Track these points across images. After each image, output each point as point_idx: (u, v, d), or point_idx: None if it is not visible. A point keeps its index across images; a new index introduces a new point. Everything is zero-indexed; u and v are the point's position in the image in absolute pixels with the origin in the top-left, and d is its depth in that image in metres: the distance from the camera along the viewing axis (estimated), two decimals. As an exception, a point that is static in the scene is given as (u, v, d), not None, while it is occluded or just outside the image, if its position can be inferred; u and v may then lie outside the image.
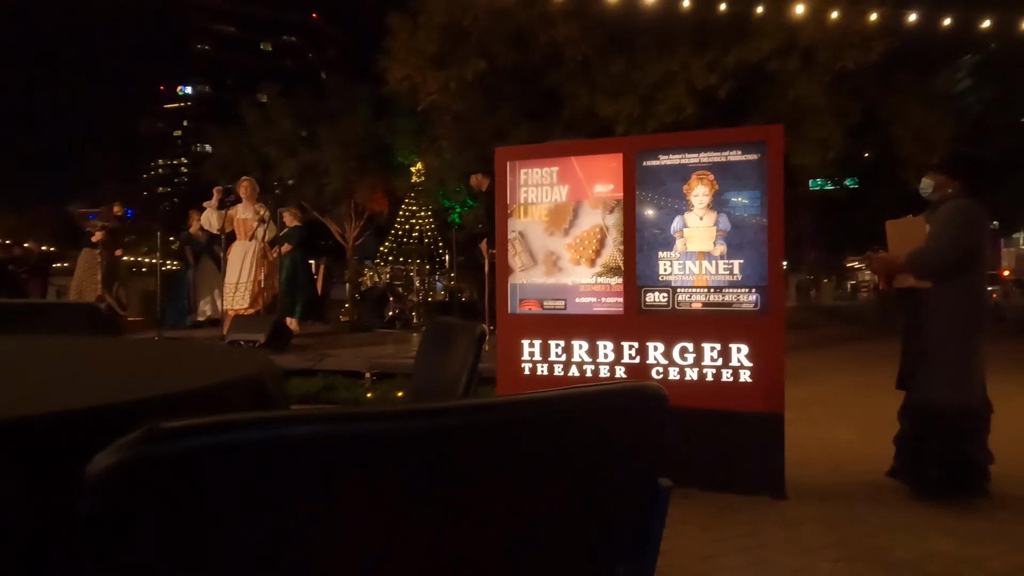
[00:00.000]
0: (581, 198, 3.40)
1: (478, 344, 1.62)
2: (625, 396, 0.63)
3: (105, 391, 1.13)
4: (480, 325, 1.65)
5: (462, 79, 12.29)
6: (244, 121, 14.96)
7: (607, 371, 3.31)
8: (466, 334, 1.68)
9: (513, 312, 3.52)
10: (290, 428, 0.48)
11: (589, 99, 12.27)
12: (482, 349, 1.63)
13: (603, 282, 3.36)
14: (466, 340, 1.66)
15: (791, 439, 3.93)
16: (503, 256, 3.52)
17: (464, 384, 1.61)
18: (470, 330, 1.67)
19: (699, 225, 3.18)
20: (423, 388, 1.92)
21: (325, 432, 0.50)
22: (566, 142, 3.54)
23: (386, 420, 0.55)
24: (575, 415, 0.62)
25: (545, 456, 0.61)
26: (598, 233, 3.37)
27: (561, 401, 0.62)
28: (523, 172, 3.51)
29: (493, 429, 0.59)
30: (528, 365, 3.45)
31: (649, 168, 3.26)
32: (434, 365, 1.86)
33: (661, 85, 11.95)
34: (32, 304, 2.59)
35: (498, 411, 0.60)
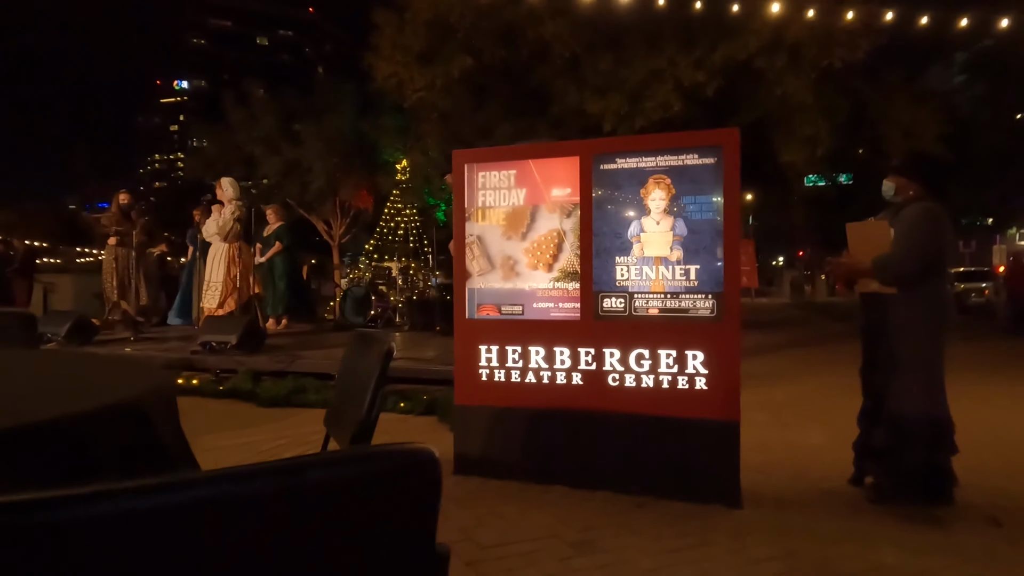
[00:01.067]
0: (539, 202, 3.36)
1: (385, 359, 1.58)
2: (395, 460, 0.58)
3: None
4: (389, 341, 1.61)
5: (448, 76, 12.22)
6: (229, 118, 14.86)
7: (563, 377, 3.27)
8: (376, 347, 1.63)
9: (471, 317, 3.47)
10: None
11: (577, 96, 12.20)
12: (388, 364, 1.59)
13: (560, 287, 3.31)
14: (376, 354, 1.61)
15: (759, 442, 3.90)
16: (460, 261, 3.48)
17: (369, 399, 1.57)
18: (380, 344, 1.63)
19: (656, 230, 3.13)
20: (341, 396, 1.88)
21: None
22: (524, 145, 3.49)
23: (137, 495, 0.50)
24: (340, 481, 0.57)
25: (309, 525, 0.57)
26: (555, 237, 3.32)
27: (322, 467, 0.57)
28: (481, 175, 3.46)
29: (242, 503, 0.54)
30: (485, 371, 3.41)
31: (606, 172, 3.21)
32: (349, 375, 1.82)
33: (649, 82, 11.89)
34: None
35: (248, 482, 0.55)
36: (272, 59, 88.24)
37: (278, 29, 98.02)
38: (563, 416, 3.26)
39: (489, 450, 3.41)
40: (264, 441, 4.04)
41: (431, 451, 0.58)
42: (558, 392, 3.27)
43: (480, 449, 3.42)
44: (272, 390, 5.13)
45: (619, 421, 3.16)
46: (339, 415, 1.80)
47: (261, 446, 3.93)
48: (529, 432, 3.34)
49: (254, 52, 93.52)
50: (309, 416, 4.70)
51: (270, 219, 8.81)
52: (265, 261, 8.46)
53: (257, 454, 3.78)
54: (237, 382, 5.34)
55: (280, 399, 5.07)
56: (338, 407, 1.84)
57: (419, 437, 4.14)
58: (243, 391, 5.24)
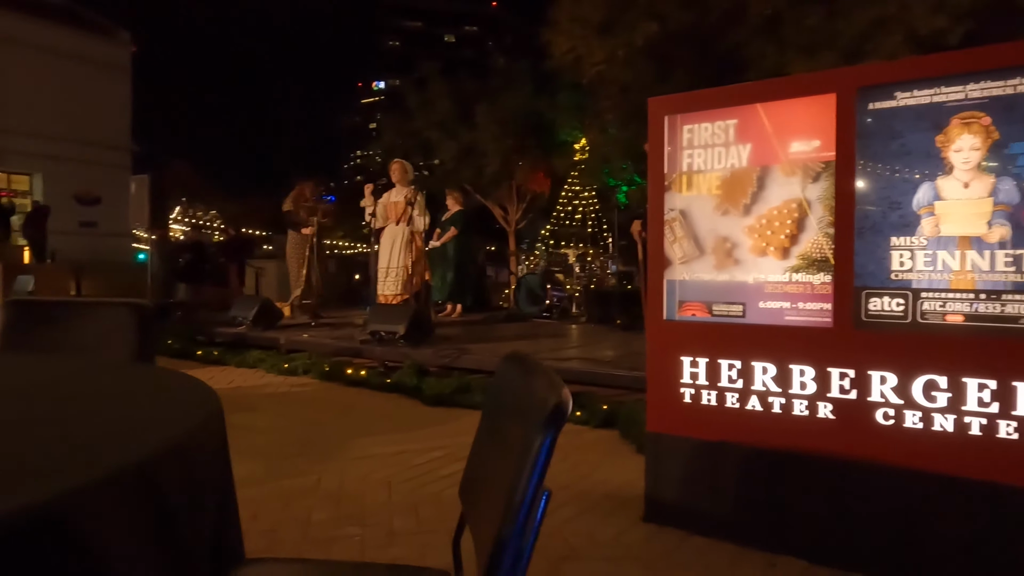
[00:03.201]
0: (770, 161, 2.42)
1: (548, 426, 0.83)
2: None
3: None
4: (560, 390, 0.85)
5: (630, 46, 11.26)
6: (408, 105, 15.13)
7: (803, 408, 2.32)
8: (539, 397, 0.89)
9: (670, 318, 2.63)
10: None
11: (777, 58, 10.64)
12: (556, 435, 0.84)
13: (801, 280, 2.36)
14: (536, 410, 0.87)
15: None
16: (657, 244, 2.64)
17: (519, 500, 0.83)
18: (545, 393, 0.88)
19: (963, 196, 2.07)
20: (480, 462, 1.16)
21: None
22: (750, 83, 2.56)
23: None
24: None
25: None
26: (794, 211, 2.37)
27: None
28: (686, 129, 2.59)
29: None
30: (690, 391, 2.55)
31: (878, 112, 2.19)
32: (492, 430, 1.11)
33: (871, 34, 10.01)
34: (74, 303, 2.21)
35: None
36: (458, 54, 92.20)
37: (464, 25, 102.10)
38: (802, 462, 2.32)
39: (693, 496, 2.56)
40: (420, 452, 3.53)
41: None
42: (795, 427, 2.33)
43: (680, 493, 2.59)
44: (436, 388, 4.68)
45: (892, 477, 2.16)
46: (477, 495, 1.09)
47: (415, 458, 3.43)
48: (751, 478, 2.44)
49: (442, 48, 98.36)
50: (472, 421, 4.12)
51: (449, 205, 8.58)
52: (439, 246, 8.23)
53: (409, 468, 3.27)
54: (402, 376, 4.97)
55: (444, 398, 4.60)
56: (475, 479, 1.12)
57: (598, 460, 3.39)
58: (407, 386, 4.85)
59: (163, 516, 0.79)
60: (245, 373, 5.77)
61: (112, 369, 1.50)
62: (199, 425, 0.96)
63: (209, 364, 6.21)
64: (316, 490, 2.97)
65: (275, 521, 2.60)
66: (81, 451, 0.82)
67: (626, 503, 2.78)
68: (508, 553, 0.82)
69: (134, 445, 0.82)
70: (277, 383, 5.39)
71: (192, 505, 0.91)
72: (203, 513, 0.97)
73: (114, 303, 2.09)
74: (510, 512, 0.83)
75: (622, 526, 2.59)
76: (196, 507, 0.93)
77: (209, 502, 1.01)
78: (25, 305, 2.19)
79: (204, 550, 0.93)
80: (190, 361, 6.32)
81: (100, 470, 0.71)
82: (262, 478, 3.04)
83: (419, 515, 2.70)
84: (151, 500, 0.76)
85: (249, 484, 2.80)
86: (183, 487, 0.86)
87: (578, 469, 3.21)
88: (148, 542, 0.74)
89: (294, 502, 2.81)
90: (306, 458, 3.42)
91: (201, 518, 0.96)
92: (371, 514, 2.71)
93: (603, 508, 2.77)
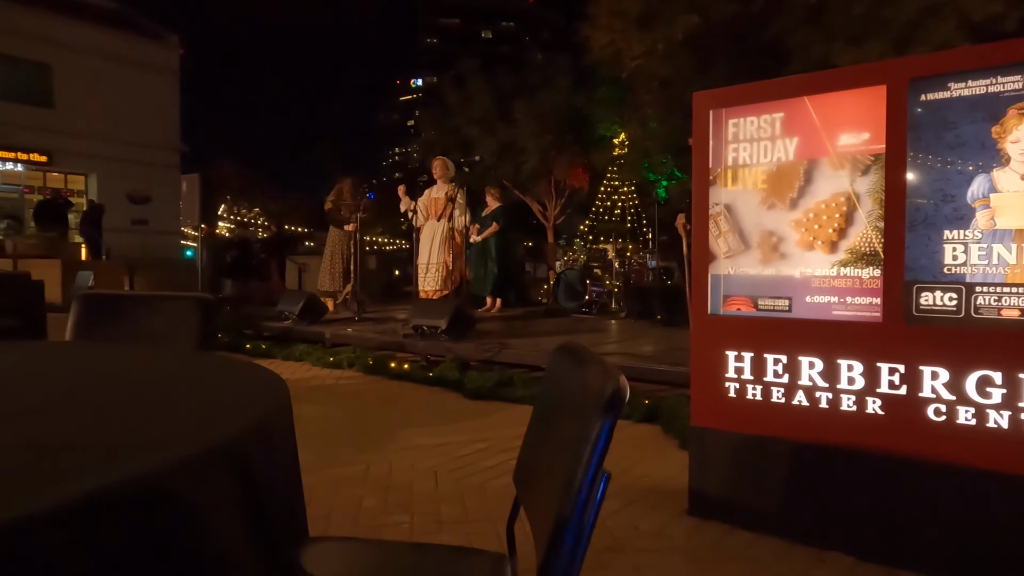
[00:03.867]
0: (818, 155, 2.40)
1: (608, 410, 0.87)
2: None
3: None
4: (616, 377, 0.89)
5: (670, 39, 11.14)
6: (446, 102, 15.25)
7: (851, 403, 2.30)
8: (594, 384, 0.93)
9: (714, 312, 2.63)
10: None
11: (822, 48, 10.39)
12: (615, 421, 0.88)
13: (850, 274, 2.34)
14: (593, 398, 0.91)
15: None
16: (702, 238, 2.65)
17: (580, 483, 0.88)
18: (600, 380, 0.92)
19: (1020, 188, 2.03)
20: (536, 446, 1.20)
21: None
22: (797, 76, 2.54)
23: None
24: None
25: None
26: (843, 204, 2.35)
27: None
28: (732, 123, 2.59)
29: None
30: (734, 385, 2.56)
31: (932, 103, 2.16)
32: (549, 419, 1.15)
33: (922, 22, 9.71)
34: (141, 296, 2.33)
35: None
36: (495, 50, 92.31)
37: (501, 21, 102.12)
38: (849, 457, 2.31)
39: (738, 490, 2.56)
40: (464, 443, 3.60)
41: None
42: (842, 423, 2.32)
43: (725, 486, 2.59)
44: (478, 381, 4.74)
45: (944, 474, 2.13)
46: (533, 480, 1.13)
47: (460, 449, 3.49)
48: (797, 473, 2.44)
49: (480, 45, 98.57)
50: (514, 414, 4.21)
51: (488, 201, 8.64)
52: (479, 241, 8.27)
53: (455, 459, 3.34)
54: (444, 370, 5.05)
55: (485, 392, 4.66)
56: (531, 465, 1.17)
57: (641, 454, 3.41)
58: (449, 380, 4.93)
59: (249, 490, 0.85)
60: (292, 366, 5.94)
61: (184, 357, 1.59)
62: (275, 408, 1.02)
63: (257, 357, 6.40)
64: (365, 478, 3.06)
65: (328, 507, 2.69)
66: (176, 429, 0.89)
67: (670, 496, 2.80)
68: (569, 533, 0.87)
69: (222, 424, 0.88)
70: (323, 376, 5.53)
71: (271, 482, 0.97)
72: (278, 490, 1.03)
73: (179, 296, 2.20)
74: (570, 494, 0.87)
75: (666, 519, 2.61)
76: (274, 484, 0.99)
77: (283, 480, 1.07)
78: (95, 299, 2.31)
79: (281, 524, 1.00)
80: (239, 354, 6.52)
81: (198, 445, 0.77)
82: (314, 466, 3.14)
83: (465, 504, 2.77)
84: (240, 475, 0.82)
85: (303, 471, 2.90)
86: (264, 465, 0.93)
87: (621, 463, 3.24)
88: (239, 513, 0.80)
89: (345, 489, 2.90)
90: (354, 447, 3.52)
91: (277, 495, 1.02)
92: (419, 502, 2.78)
93: (647, 501, 2.79)
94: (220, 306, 8.39)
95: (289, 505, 1.14)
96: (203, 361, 1.48)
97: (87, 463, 0.72)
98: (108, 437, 0.86)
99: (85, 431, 0.88)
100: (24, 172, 20.22)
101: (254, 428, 0.91)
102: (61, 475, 0.68)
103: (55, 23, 19.63)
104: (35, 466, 0.71)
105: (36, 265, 10.26)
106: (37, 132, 19.42)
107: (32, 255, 12.52)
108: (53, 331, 5.55)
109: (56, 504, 0.58)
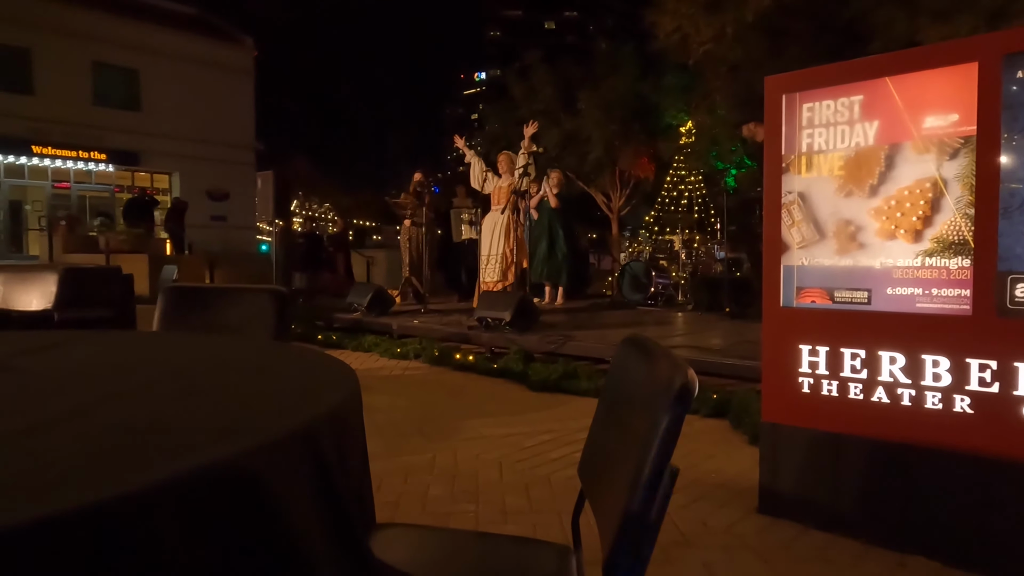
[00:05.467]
0: (900, 138, 2.27)
1: (677, 404, 0.86)
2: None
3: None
4: (685, 369, 0.87)
5: (740, 22, 10.78)
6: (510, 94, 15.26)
7: (937, 401, 2.18)
8: (663, 375, 0.92)
9: (787, 305, 2.54)
10: None
11: (907, 25, 9.82)
12: (683, 414, 0.87)
13: (936, 265, 2.21)
14: (662, 390, 0.89)
15: None
16: (773, 227, 2.56)
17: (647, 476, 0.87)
18: (669, 372, 0.90)
19: None
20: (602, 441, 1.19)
21: None
22: (878, 56, 2.41)
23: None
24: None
25: None
26: (928, 191, 2.22)
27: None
28: (806, 108, 2.48)
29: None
30: (808, 380, 2.46)
31: (1029, 81, 2.01)
32: (616, 411, 1.14)
33: (1017, -8, 9.04)
34: (222, 289, 2.44)
35: None
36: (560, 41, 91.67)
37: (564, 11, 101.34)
38: (934, 457, 2.19)
39: (812, 488, 2.47)
40: (529, 435, 3.62)
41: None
42: (927, 421, 2.20)
43: (798, 485, 2.51)
44: (542, 373, 4.75)
45: (1041, 478, 1.99)
46: (599, 473, 1.13)
47: (525, 440, 3.51)
48: (876, 473, 2.33)
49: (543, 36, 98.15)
50: (579, 407, 4.19)
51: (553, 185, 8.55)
52: (545, 229, 8.06)
53: (520, 450, 3.36)
54: (508, 362, 5.09)
55: (550, 384, 4.66)
56: (597, 458, 1.16)
57: (710, 449, 3.34)
58: (514, 372, 4.96)
59: (324, 475, 0.88)
60: (361, 356, 6.11)
61: (261, 347, 1.65)
62: (347, 397, 1.05)
63: (328, 347, 6.61)
64: (432, 467, 3.12)
65: (396, 494, 2.76)
66: (257, 414, 0.93)
67: (739, 493, 2.73)
68: (635, 528, 0.86)
69: (300, 411, 0.92)
70: (391, 366, 5.66)
71: (343, 468, 1.00)
72: (351, 477, 1.07)
73: (256, 289, 2.30)
74: (637, 488, 0.86)
75: (735, 516, 2.55)
76: (346, 471, 1.03)
77: (354, 467, 1.11)
78: (180, 291, 2.44)
79: (352, 510, 1.03)
80: (312, 344, 6.76)
81: (278, 430, 0.80)
82: (382, 453, 3.23)
83: (530, 495, 2.78)
84: (316, 460, 0.85)
85: (372, 458, 2.98)
86: (337, 451, 0.96)
87: (689, 458, 3.18)
88: (315, 497, 0.83)
89: (412, 477, 2.97)
90: (421, 437, 3.60)
91: (349, 481, 1.05)
92: (484, 492, 2.81)
93: (716, 497, 2.73)
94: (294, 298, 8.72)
95: (359, 491, 1.17)
96: (279, 351, 1.53)
97: (178, 445, 0.76)
98: (195, 421, 0.91)
99: (173, 415, 0.93)
100: (115, 172, 21.54)
101: (329, 415, 0.94)
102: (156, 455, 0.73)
103: (143, 30, 20.79)
104: (132, 446, 0.76)
105: (125, 260, 10.93)
106: (127, 134, 20.65)
107: (122, 250, 13.34)
108: (142, 321, 5.90)
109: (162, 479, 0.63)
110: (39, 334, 1.82)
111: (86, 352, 1.48)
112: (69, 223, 15.93)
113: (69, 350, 1.47)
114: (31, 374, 1.22)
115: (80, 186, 21.28)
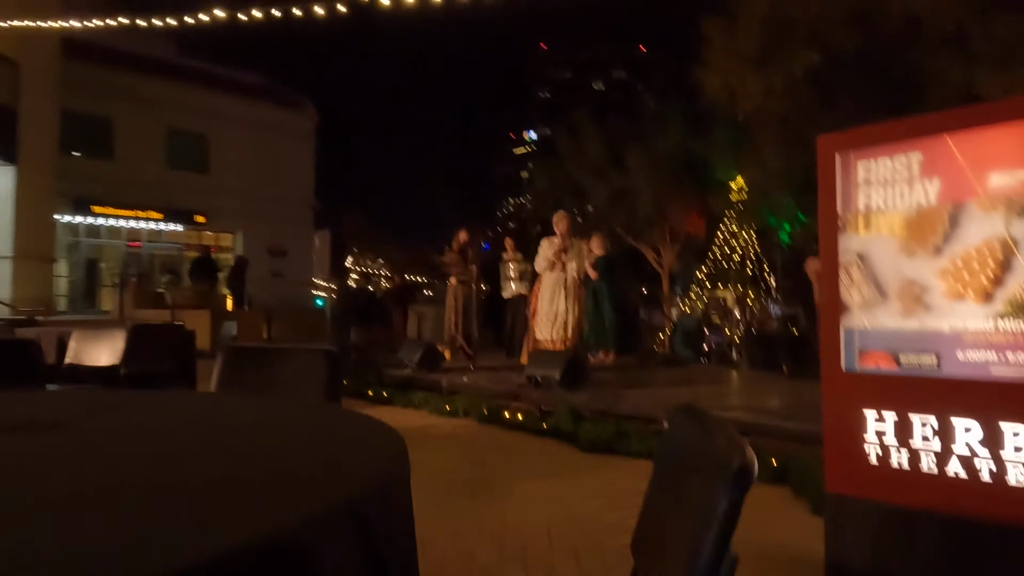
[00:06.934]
0: (964, 197, 2.20)
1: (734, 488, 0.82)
2: None
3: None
4: (741, 460, 0.84)
5: (789, 77, 10.77)
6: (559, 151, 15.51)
7: (1020, 473, 2.02)
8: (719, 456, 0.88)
9: (850, 369, 2.43)
10: None
11: (964, 75, 9.63)
12: (741, 500, 0.83)
13: (1010, 328, 2.09)
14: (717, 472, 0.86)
15: None
16: (831, 288, 2.48)
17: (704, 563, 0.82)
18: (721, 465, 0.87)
19: None
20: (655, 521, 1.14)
21: None
22: (935, 114, 2.36)
23: None
24: None
25: None
26: (997, 250, 2.12)
27: None
28: (862, 165, 2.43)
29: None
30: (875, 449, 2.33)
31: (1102, 136, 1.93)
32: (665, 499, 1.09)
33: (1082, 41, 8.80)
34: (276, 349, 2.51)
35: None
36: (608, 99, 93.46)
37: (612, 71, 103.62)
38: (1019, 536, 2.02)
39: (882, 565, 2.31)
40: (579, 498, 3.52)
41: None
42: (1011, 497, 2.04)
43: (867, 561, 2.34)
44: (592, 433, 4.65)
45: None
46: (653, 552, 1.08)
47: (575, 504, 3.42)
48: (953, 551, 2.16)
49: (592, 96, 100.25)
50: (631, 469, 4.07)
51: (594, 248, 8.60)
52: (592, 297, 8.08)
53: (570, 514, 3.26)
54: (558, 421, 5.00)
55: (601, 444, 4.55)
56: (652, 536, 1.11)
57: (770, 518, 3.18)
58: (564, 431, 4.87)
59: (371, 548, 0.87)
60: (411, 413, 6.11)
61: (312, 410, 1.67)
62: (396, 466, 1.05)
63: (379, 403, 6.65)
64: (479, 529, 3.05)
65: (442, 557, 2.71)
66: (305, 485, 0.93)
67: (805, 566, 2.58)
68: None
69: (348, 482, 0.92)
70: (440, 424, 5.64)
71: (390, 539, 0.99)
72: (397, 547, 1.05)
73: (309, 349, 2.36)
74: (704, 567, 0.82)
75: (800, 593, 2.40)
76: (393, 541, 1.01)
77: (401, 537, 1.09)
78: (238, 351, 2.53)
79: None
80: (362, 401, 6.81)
81: (328, 504, 0.80)
82: (430, 514, 3.17)
83: (581, 563, 2.68)
84: (363, 532, 0.84)
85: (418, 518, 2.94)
86: (384, 522, 0.95)
87: (750, 527, 3.00)
88: (362, 571, 0.82)
89: (459, 539, 2.91)
90: (469, 497, 3.54)
91: (396, 552, 1.04)
92: (532, 557, 2.73)
93: (780, 569, 2.59)
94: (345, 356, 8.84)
95: (406, 561, 1.15)
96: (330, 415, 1.55)
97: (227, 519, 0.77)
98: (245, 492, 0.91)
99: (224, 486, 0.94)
100: (183, 231, 22.67)
101: (377, 487, 0.94)
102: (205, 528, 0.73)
103: (213, 98, 22.17)
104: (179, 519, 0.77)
105: (189, 315, 11.36)
106: (196, 195, 21.80)
107: (187, 306, 13.89)
108: (202, 375, 6.08)
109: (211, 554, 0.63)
110: (104, 393, 1.89)
111: (144, 415, 1.52)
112: (139, 280, 16.74)
113: (128, 413, 1.52)
114: (89, 435, 1.26)
115: (151, 245, 22.45)
